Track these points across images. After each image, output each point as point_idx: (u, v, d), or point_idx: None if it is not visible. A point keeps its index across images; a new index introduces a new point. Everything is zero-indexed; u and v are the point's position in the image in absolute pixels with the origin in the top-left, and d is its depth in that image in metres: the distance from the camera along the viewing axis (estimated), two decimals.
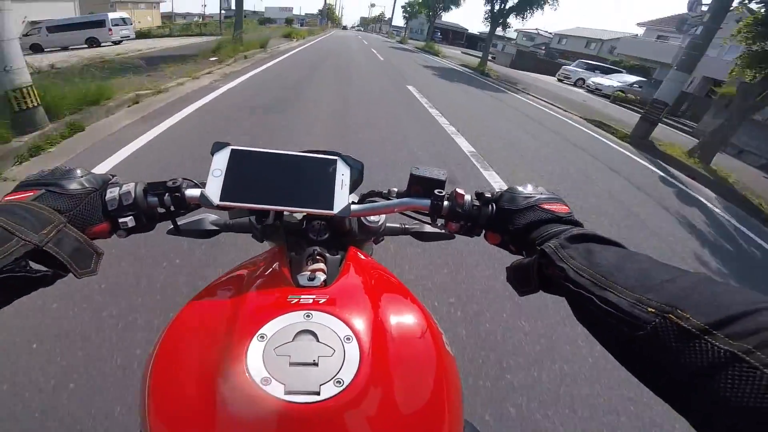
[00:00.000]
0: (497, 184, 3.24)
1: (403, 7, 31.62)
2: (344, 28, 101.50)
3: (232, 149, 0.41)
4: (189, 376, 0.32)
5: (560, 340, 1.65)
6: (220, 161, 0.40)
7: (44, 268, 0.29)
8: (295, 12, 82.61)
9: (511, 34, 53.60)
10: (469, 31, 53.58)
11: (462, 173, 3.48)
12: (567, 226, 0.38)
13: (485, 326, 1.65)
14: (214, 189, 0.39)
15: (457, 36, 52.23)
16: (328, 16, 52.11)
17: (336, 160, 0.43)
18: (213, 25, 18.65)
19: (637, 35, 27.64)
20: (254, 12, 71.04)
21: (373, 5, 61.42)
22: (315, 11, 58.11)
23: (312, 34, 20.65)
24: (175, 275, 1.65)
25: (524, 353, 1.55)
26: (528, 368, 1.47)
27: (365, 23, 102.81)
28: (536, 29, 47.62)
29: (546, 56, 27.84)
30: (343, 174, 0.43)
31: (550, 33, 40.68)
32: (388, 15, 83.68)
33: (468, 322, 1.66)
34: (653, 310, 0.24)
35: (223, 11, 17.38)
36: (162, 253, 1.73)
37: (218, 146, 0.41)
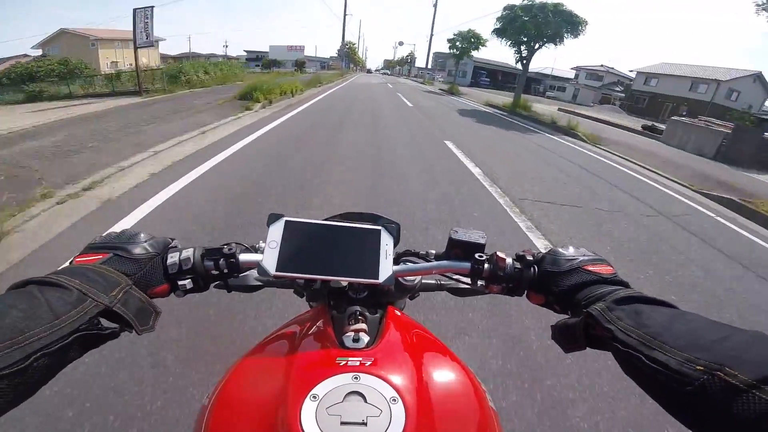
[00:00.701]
0: None
1: (449, 40, 25.40)
2: (369, 71, 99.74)
3: (286, 221, 0.46)
4: (246, 430, 0.35)
5: None
6: (276, 233, 0.44)
7: (112, 325, 0.34)
8: (309, 52, 75.78)
9: (562, 70, 49.59)
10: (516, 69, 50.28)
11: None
12: (613, 286, 0.40)
13: None
14: (270, 260, 0.43)
15: (507, 77, 46.84)
16: (348, 57, 51.12)
17: (380, 230, 0.47)
18: (129, 77, 12.39)
19: None
20: (255, 55, 64.32)
21: (401, 43, 56.06)
22: (333, 52, 56.71)
23: (323, 83, 18.02)
24: None
25: None
26: None
27: (390, 65, 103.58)
28: (602, 66, 42.89)
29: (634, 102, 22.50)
30: (387, 244, 0.47)
31: (631, 71, 35.24)
32: (417, 55, 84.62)
33: None
34: (702, 368, 0.26)
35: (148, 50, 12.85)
36: None
37: (273, 218, 0.46)
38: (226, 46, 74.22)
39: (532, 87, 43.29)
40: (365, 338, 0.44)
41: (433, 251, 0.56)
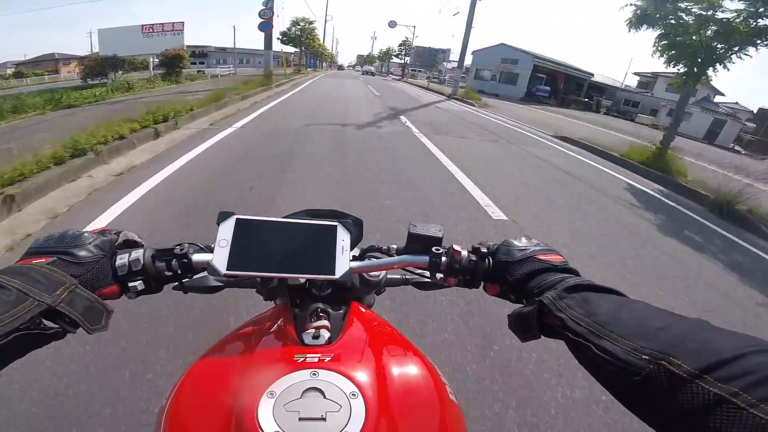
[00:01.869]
0: None
1: None
2: (340, 67, 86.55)
3: (237, 218, 0.48)
4: (203, 431, 0.38)
5: None
6: (226, 231, 0.47)
7: (57, 325, 0.36)
8: (249, 43, 66.32)
9: (605, 76, 37.60)
10: (592, 79, 33.20)
11: None
12: (564, 274, 0.45)
13: None
14: (221, 259, 0.45)
15: (569, 84, 32.22)
16: (304, 45, 38.02)
17: (336, 226, 0.50)
18: None
19: None
20: (191, 51, 60.72)
21: (393, 24, 31.63)
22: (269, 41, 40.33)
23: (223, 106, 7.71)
24: None
25: None
26: None
27: (368, 60, 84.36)
28: (737, 104, 30.42)
29: None
30: (343, 239, 0.50)
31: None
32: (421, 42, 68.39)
33: None
34: (647, 357, 0.28)
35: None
36: None
37: (223, 216, 0.48)
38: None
39: (594, 99, 31.94)
40: (326, 334, 0.46)
41: (395, 246, 0.62)
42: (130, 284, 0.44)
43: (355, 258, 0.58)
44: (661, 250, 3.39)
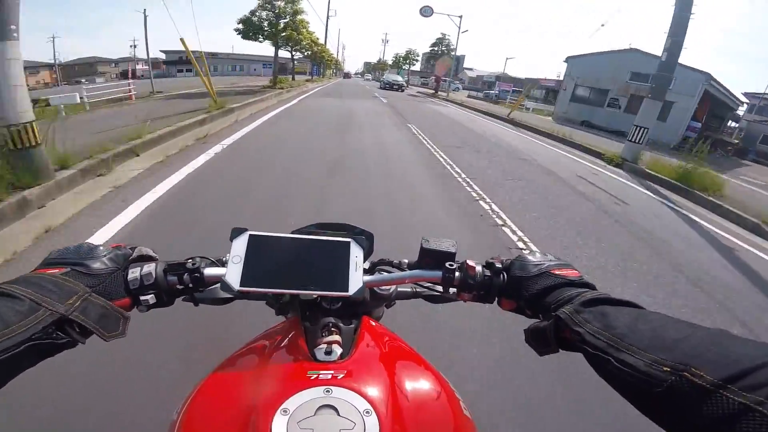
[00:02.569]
0: None
1: None
2: (347, 75, 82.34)
3: (250, 235, 0.50)
4: None
5: None
6: (239, 247, 0.49)
7: (68, 335, 0.37)
8: (240, 50, 58.34)
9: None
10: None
11: None
12: (580, 289, 0.46)
13: None
14: (234, 275, 0.47)
15: (714, 117, 19.05)
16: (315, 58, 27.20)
17: (349, 243, 0.52)
18: None
19: None
20: (179, 56, 51.15)
21: (431, 13, 22.18)
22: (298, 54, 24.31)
23: None
24: None
25: None
26: None
27: (379, 68, 70.98)
28: None
29: None
30: (356, 256, 0.51)
31: None
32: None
33: None
34: (668, 369, 0.29)
35: None
36: None
37: (237, 232, 0.50)
38: (135, 46, 54.67)
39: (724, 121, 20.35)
40: (338, 350, 0.47)
41: (406, 260, 0.63)
42: (142, 298, 0.46)
43: (365, 272, 0.57)
44: None
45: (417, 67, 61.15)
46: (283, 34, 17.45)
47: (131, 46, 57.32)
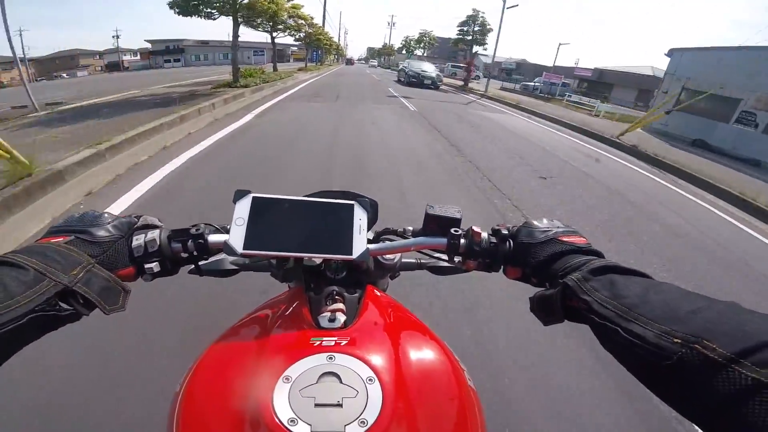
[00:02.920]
0: None
1: None
2: (349, 61, 77.34)
3: (254, 197, 0.50)
4: (217, 416, 0.40)
5: None
6: (242, 210, 0.49)
7: (72, 307, 0.38)
8: (219, 36, 53.20)
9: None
10: None
11: None
12: (588, 256, 0.46)
13: None
14: (237, 238, 0.47)
15: None
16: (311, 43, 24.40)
17: (353, 205, 0.53)
18: None
19: None
20: (165, 46, 50.74)
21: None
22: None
23: None
24: None
25: None
26: None
27: (385, 53, 62.89)
28: None
29: None
30: (360, 219, 0.51)
31: None
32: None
33: None
34: (679, 341, 0.28)
35: None
36: None
37: (240, 194, 0.50)
38: (118, 36, 53.50)
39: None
40: (342, 318, 0.48)
41: (411, 228, 0.63)
42: (146, 266, 0.46)
43: (370, 241, 0.58)
44: None
45: (421, 53, 53.27)
46: (245, 1, 10.51)
47: (113, 36, 53.85)
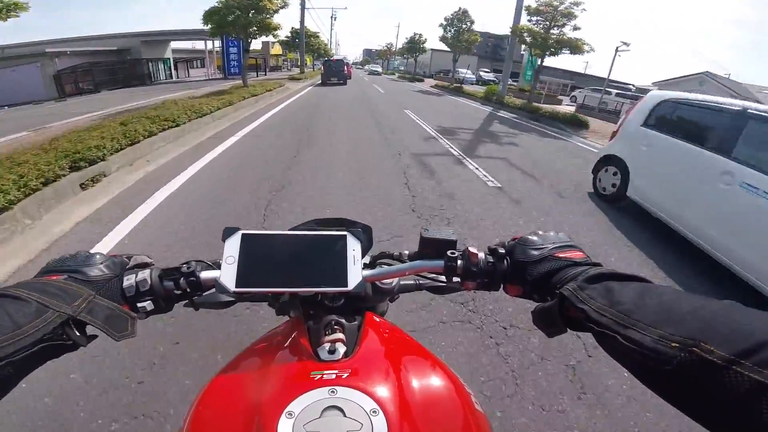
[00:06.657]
0: None
1: None
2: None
3: (243, 234, 0.50)
4: None
5: None
6: (232, 247, 0.49)
7: (78, 335, 0.38)
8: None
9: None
10: None
11: None
12: (584, 267, 0.47)
13: None
14: (228, 276, 0.47)
15: None
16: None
17: (345, 235, 0.52)
18: None
19: None
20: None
21: None
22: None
23: None
24: None
25: None
26: None
27: (386, 54, 57.15)
28: None
29: None
30: (354, 249, 0.51)
31: None
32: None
33: None
34: (677, 345, 0.29)
35: None
36: None
37: (229, 232, 0.50)
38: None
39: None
40: (342, 349, 0.48)
41: (407, 251, 0.64)
42: (139, 305, 0.46)
43: (366, 266, 0.58)
44: None
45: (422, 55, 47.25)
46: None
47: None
